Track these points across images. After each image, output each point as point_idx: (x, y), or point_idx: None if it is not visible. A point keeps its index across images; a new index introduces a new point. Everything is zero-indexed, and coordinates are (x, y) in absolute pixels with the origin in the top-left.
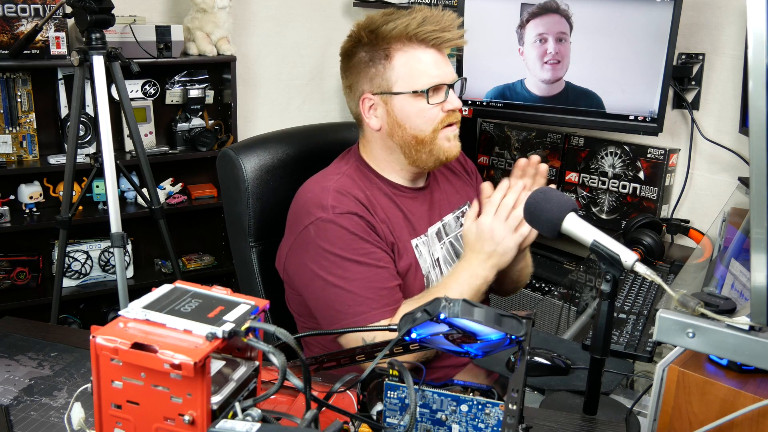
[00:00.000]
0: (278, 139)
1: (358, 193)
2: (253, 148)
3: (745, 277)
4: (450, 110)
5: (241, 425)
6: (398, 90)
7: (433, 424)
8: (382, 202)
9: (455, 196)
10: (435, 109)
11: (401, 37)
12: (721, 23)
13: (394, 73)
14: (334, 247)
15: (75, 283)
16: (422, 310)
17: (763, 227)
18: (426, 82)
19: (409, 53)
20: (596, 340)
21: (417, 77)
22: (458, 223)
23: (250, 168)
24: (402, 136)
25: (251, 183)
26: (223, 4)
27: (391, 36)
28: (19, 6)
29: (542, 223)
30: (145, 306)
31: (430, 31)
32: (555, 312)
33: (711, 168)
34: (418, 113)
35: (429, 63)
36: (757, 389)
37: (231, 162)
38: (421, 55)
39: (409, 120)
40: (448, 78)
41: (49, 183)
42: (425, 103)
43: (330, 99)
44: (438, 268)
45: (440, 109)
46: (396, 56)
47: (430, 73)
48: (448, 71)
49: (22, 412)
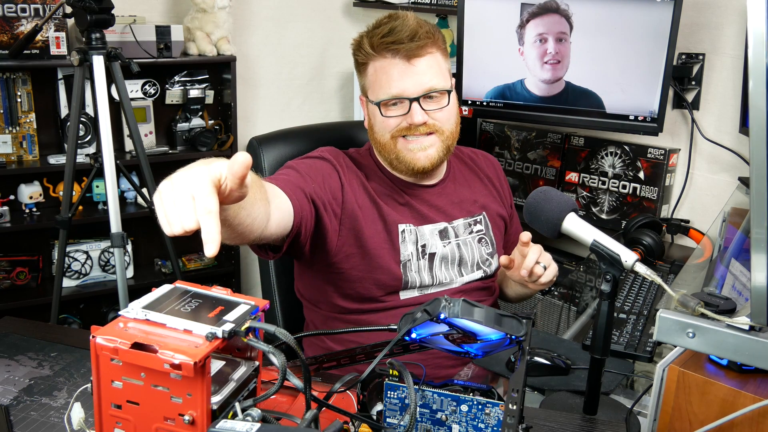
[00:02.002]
0: (300, 134)
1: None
2: (276, 140)
3: (745, 277)
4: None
5: (241, 425)
6: (369, 97)
7: (433, 424)
8: (381, 189)
9: (472, 205)
10: (394, 120)
11: (371, 47)
12: (721, 23)
13: (367, 80)
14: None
15: (75, 283)
16: (422, 310)
17: (763, 227)
18: (382, 95)
19: (377, 63)
20: (596, 340)
21: (377, 88)
22: (469, 229)
23: (270, 158)
24: (373, 138)
25: (269, 173)
26: (223, 4)
27: (365, 45)
28: (19, 6)
29: (542, 223)
30: (145, 306)
31: (389, 42)
32: (555, 312)
33: (711, 168)
34: (379, 121)
35: (391, 75)
36: (757, 389)
37: (253, 152)
38: (387, 65)
39: (375, 125)
40: (408, 92)
41: (49, 183)
42: (380, 114)
43: (330, 99)
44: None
45: (402, 120)
46: (369, 65)
47: (389, 85)
48: (410, 84)
49: (22, 412)
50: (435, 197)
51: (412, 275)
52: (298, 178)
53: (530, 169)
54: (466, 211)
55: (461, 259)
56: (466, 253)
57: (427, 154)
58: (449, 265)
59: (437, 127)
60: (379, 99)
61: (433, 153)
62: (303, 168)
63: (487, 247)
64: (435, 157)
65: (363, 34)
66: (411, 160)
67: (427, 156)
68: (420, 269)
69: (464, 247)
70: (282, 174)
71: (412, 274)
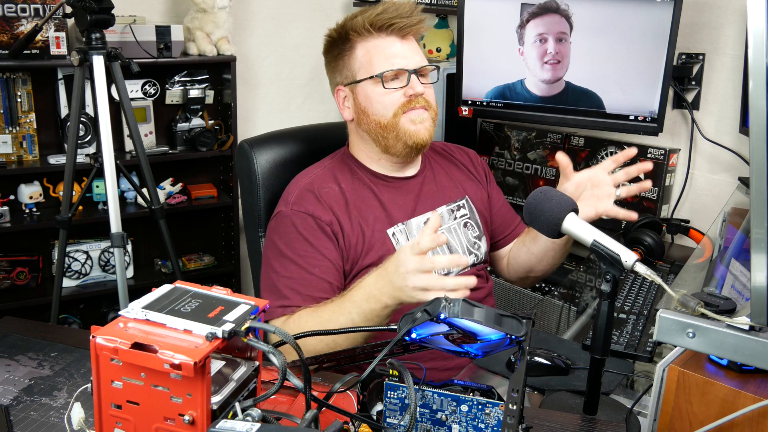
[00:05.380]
0: (292, 135)
1: (332, 187)
2: (268, 143)
3: (745, 277)
4: (412, 95)
5: (241, 425)
6: (360, 77)
7: (433, 424)
8: (362, 193)
9: (453, 190)
10: (395, 94)
11: (362, 27)
12: (721, 23)
13: (357, 61)
14: (281, 241)
15: (75, 283)
16: (422, 310)
17: (763, 227)
18: (383, 67)
19: (370, 42)
20: (596, 340)
21: (375, 63)
22: (453, 216)
23: (263, 161)
24: (368, 123)
25: (262, 175)
26: (223, 4)
27: (353, 27)
28: (19, 6)
29: (542, 223)
30: (145, 306)
31: (387, 18)
32: (555, 312)
33: (711, 168)
34: (378, 98)
35: (388, 50)
36: (757, 389)
37: (245, 154)
38: (380, 42)
39: (371, 106)
40: (408, 64)
41: (49, 183)
42: (382, 87)
43: (330, 99)
44: None
45: (402, 94)
46: (358, 46)
47: (389, 59)
48: (410, 58)
49: (22, 412)
50: (417, 187)
51: None
52: (324, 262)
53: (530, 169)
54: (448, 198)
55: (450, 247)
56: (454, 239)
57: (425, 126)
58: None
59: (429, 103)
60: (380, 71)
61: (428, 126)
62: (298, 255)
63: (473, 231)
64: (430, 132)
65: (345, 19)
66: (414, 132)
67: (425, 128)
68: None
69: (450, 234)
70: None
71: None
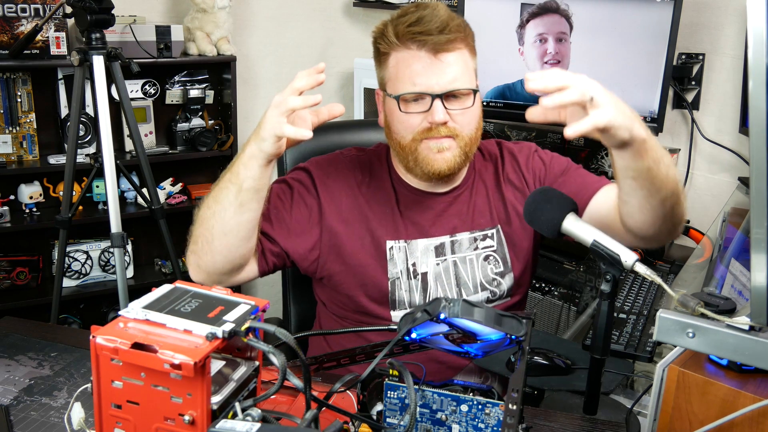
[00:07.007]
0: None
1: (346, 173)
2: None
3: (745, 277)
4: (432, 123)
5: (241, 425)
6: (388, 90)
7: (433, 424)
8: (380, 196)
9: (484, 217)
10: (415, 119)
11: (395, 36)
12: (721, 23)
13: (387, 72)
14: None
15: (75, 283)
16: (422, 310)
17: (763, 227)
18: (402, 89)
19: (400, 54)
20: (596, 340)
21: (399, 82)
22: (473, 245)
23: (291, 152)
24: (391, 138)
25: (289, 167)
26: (223, 4)
27: (389, 34)
28: (19, 6)
29: (542, 223)
30: (145, 306)
31: (416, 32)
32: (555, 312)
33: (711, 168)
34: (398, 118)
35: (413, 67)
36: (757, 389)
37: None
38: (410, 58)
39: (393, 123)
40: (433, 87)
41: (49, 183)
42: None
43: (330, 99)
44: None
45: (423, 119)
46: (391, 55)
47: (411, 79)
48: (434, 80)
49: (22, 412)
50: (444, 205)
51: (401, 293)
52: (269, 228)
53: None
54: (476, 224)
55: (458, 278)
56: (465, 271)
57: (445, 156)
58: (445, 284)
59: (456, 131)
60: (399, 93)
61: (449, 156)
62: (273, 212)
63: (496, 266)
64: (452, 162)
65: (387, 21)
66: (430, 161)
67: (444, 159)
68: (411, 289)
69: (462, 265)
70: None
71: (402, 293)
